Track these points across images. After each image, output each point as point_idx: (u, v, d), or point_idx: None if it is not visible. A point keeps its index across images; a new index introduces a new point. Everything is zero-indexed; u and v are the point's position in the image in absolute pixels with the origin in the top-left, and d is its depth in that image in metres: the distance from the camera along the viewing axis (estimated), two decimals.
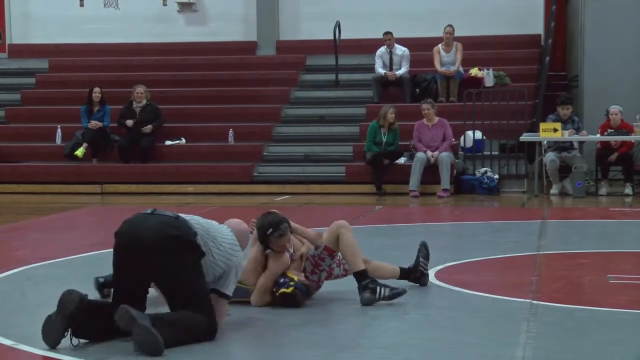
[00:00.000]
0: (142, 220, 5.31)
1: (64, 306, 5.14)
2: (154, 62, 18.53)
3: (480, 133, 15.22)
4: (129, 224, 5.32)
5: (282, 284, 6.17)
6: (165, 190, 15.20)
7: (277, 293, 6.18)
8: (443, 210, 13.31)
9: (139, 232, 5.22)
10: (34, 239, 10.11)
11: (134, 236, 5.22)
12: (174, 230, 5.25)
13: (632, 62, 16.30)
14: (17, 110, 17.75)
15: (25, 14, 19.84)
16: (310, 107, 17.19)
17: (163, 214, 5.35)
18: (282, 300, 6.17)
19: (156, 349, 4.99)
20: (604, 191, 14.21)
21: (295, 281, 6.19)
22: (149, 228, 5.23)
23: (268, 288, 6.23)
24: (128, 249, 5.24)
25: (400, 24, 17.65)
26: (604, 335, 5.55)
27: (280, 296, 6.16)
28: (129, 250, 5.23)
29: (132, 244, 5.22)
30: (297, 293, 6.15)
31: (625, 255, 8.65)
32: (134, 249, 5.21)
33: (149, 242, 5.18)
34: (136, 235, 5.22)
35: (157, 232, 5.21)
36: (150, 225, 5.24)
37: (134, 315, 5.01)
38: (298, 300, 6.16)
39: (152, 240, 5.19)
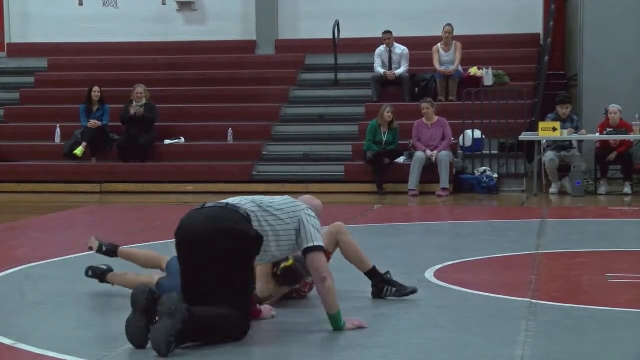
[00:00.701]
0: (193, 216, 5.37)
1: (137, 302, 5.14)
2: (153, 61, 18.53)
3: (480, 132, 15.22)
4: (184, 222, 5.38)
5: (281, 261, 6.08)
6: (165, 190, 15.20)
7: (279, 271, 6.11)
8: (442, 209, 13.31)
9: (191, 228, 5.28)
10: (33, 238, 10.10)
11: (188, 233, 5.29)
12: (222, 223, 5.27)
13: (631, 61, 16.30)
14: (16, 110, 17.75)
15: (24, 13, 19.83)
16: (310, 106, 17.19)
17: (211, 206, 5.39)
18: (284, 276, 6.12)
19: (158, 347, 4.99)
20: (603, 190, 14.21)
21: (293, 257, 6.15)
22: (199, 223, 5.28)
23: (268, 272, 6.16)
24: (184, 246, 5.32)
25: (399, 23, 17.65)
26: (603, 334, 5.55)
27: (282, 271, 6.10)
28: (186, 247, 5.31)
29: (186, 241, 5.29)
30: (298, 265, 6.09)
31: (624, 254, 8.66)
32: (189, 245, 5.27)
33: (200, 237, 5.23)
34: (189, 231, 5.29)
35: (207, 226, 5.25)
36: (200, 220, 5.30)
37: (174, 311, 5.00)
38: (300, 273, 6.11)
39: (203, 234, 5.23)
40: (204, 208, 5.42)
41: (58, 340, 5.53)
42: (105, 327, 5.90)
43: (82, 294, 6.79)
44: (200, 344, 5.19)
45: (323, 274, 5.39)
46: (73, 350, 5.22)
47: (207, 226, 5.25)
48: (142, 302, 5.12)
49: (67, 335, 5.68)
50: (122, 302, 6.23)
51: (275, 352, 5.25)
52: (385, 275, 6.45)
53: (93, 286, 6.76)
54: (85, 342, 5.52)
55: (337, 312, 5.45)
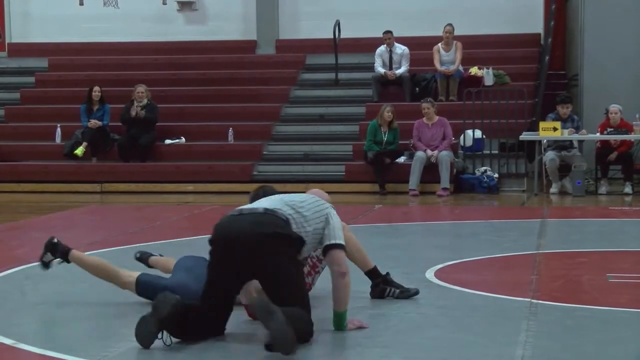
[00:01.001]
0: (234, 222, 5.32)
1: (158, 310, 5.14)
2: (154, 61, 18.53)
3: (480, 132, 15.22)
4: (222, 228, 5.32)
5: None
6: (165, 190, 15.20)
7: None
8: (443, 209, 13.31)
9: (237, 235, 5.23)
10: (33, 238, 10.09)
11: (229, 239, 5.24)
12: (267, 228, 5.25)
13: (632, 61, 16.29)
14: (17, 110, 17.75)
15: (25, 12, 19.83)
16: (310, 106, 17.19)
17: (251, 213, 5.35)
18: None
19: (290, 346, 4.92)
20: (604, 190, 14.21)
21: None
22: (244, 229, 5.24)
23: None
24: (225, 253, 5.25)
25: (399, 23, 17.65)
26: (604, 334, 5.55)
27: None
28: (226, 254, 5.25)
29: (227, 248, 5.24)
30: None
31: (624, 254, 8.66)
32: (231, 252, 5.23)
33: (247, 243, 5.19)
34: (235, 238, 5.23)
35: (253, 232, 5.22)
36: (245, 227, 5.25)
37: (272, 308, 4.95)
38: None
39: (247, 242, 5.20)
40: (243, 214, 5.35)
41: (58, 340, 5.53)
42: (106, 326, 5.89)
43: (83, 293, 6.78)
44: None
45: (343, 269, 5.43)
46: (73, 350, 5.22)
47: (253, 232, 5.22)
48: (163, 313, 5.12)
49: (68, 335, 5.68)
50: (123, 301, 6.24)
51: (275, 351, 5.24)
52: (386, 276, 6.45)
53: (94, 286, 6.76)
54: (85, 342, 5.52)
55: (345, 311, 5.47)
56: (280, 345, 4.93)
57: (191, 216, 12.06)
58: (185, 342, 5.28)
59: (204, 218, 11.88)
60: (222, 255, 5.28)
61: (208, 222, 11.57)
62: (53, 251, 6.51)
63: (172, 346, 5.26)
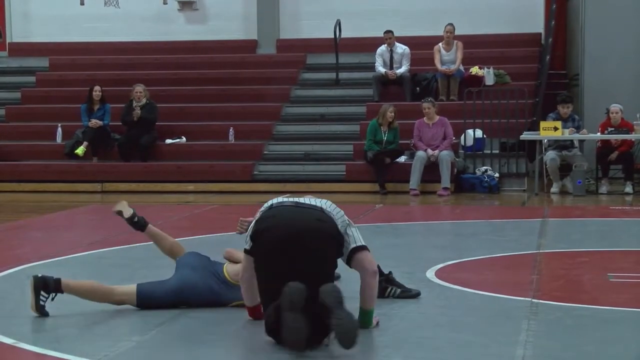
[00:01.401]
0: (293, 213, 5.23)
1: (296, 302, 4.88)
2: (155, 61, 18.53)
3: (481, 132, 15.22)
4: (281, 220, 5.19)
5: None
6: (166, 189, 15.21)
7: None
8: (443, 208, 13.31)
9: (298, 227, 5.15)
10: (34, 237, 10.11)
11: (291, 230, 5.14)
12: (326, 224, 5.22)
13: (633, 60, 16.29)
14: (18, 109, 17.75)
15: (26, 12, 19.84)
16: (311, 105, 17.19)
17: (307, 207, 5.30)
18: None
19: (353, 339, 4.83)
20: (605, 190, 14.21)
21: None
22: (305, 221, 5.18)
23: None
24: (286, 244, 5.13)
25: (400, 22, 17.66)
26: (605, 333, 5.55)
27: None
28: (287, 246, 5.12)
29: (290, 239, 5.13)
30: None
31: (625, 253, 8.66)
32: (296, 243, 5.12)
33: (308, 235, 5.13)
34: (294, 229, 5.14)
35: (314, 227, 5.18)
36: (305, 219, 5.19)
37: (342, 298, 4.89)
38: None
39: (312, 234, 5.15)
40: (302, 208, 5.28)
41: (59, 339, 5.53)
42: (106, 326, 5.89)
43: None
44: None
45: (374, 268, 5.44)
46: (74, 349, 5.22)
47: (315, 227, 5.18)
48: (301, 302, 4.89)
49: (69, 335, 5.68)
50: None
51: (275, 351, 5.24)
52: (389, 275, 6.46)
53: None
54: (86, 342, 5.52)
55: (373, 308, 5.48)
56: (343, 335, 4.83)
57: (192, 216, 12.06)
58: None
59: (205, 218, 11.89)
60: (280, 247, 5.13)
61: (209, 222, 11.62)
62: (46, 289, 5.99)
63: (174, 345, 5.25)
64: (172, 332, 5.68)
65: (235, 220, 6.44)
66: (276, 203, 5.35)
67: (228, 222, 10.06)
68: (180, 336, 5.56)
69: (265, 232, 5.23)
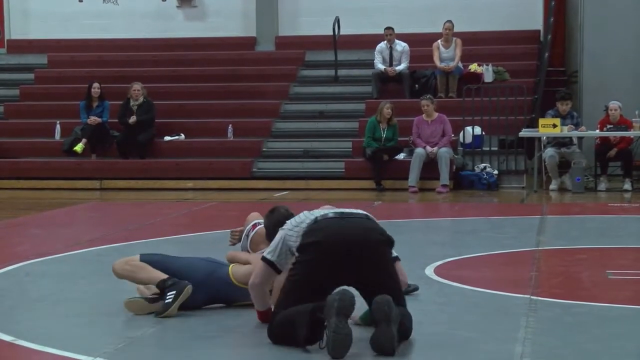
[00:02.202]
0: (343, 226, 5.27)
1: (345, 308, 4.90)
2: (153, 58, 18.52)
3: (480, 129, 15.22)
4: (334, 232, 5.22)
5: None
6: (165, 186, 15.20)
7: None
8: (442, 206, 13.31)
9: (349, 240, 5.19)
10: (33, 234, 10.11)
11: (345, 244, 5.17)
12: (378, 233, 5.34)
13: (632, 57, 16.28)
14: (16, 106, 17.74)
15: (25, 9, 19.82)
16: (310, 102, 17.18)
17: (356, 217, 5.38)
18: None
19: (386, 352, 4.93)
20: (603, 187, 14.21)
21: None
22: (357, 234, 5.23)
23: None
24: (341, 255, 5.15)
25: (399, 19, 17.65)
26: (603, 330, 5.55)
27: None
28: (339, 259, 5.16)
29: (342, 253, 5.16)
30: None
31: (624, 250, 8.66)
32: (345, 257, 5.15)
33: (362, 250, 5.18)
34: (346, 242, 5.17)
35: (370, 237, 5.26)
36: (357, 232, 5.25)
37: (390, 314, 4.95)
38: None
39: (366, 247, 5.20)
40: (348, 218, 5.34)
41: (58, 336, 5.53)
42: (105, 323, 5.89)
43: (83, 290, 6.79)
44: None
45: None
46: (73, 346, 5.22)
47: (371, 238, 5.27)
48: (350, 309, 4.93)
49: (68, 332, 5.68)
50: (122, 298, 6.23)
51: (274, 349, 5.24)
52: None
53: (93, 283, 6.77)
54: (85, 339, 5.52)
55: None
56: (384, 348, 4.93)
57: (191, 213, 12.05)
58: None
59: (204, 215, 11.89)
60: (332, 260, 5.16)
61: (208, 219, 11.62)
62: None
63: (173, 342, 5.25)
64: (172, 328, 5.68)
65: (234, 218, 6.45)
66: (320, 216, 5.35)
67: (227, 219, 10.08)
68: (180, 333, 5.56)
69: (316, 244, 5.22)
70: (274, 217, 5.89)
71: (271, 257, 5.43)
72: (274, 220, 5.87)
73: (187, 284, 5.88)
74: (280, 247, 5.41)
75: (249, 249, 6.32)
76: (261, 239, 6.24)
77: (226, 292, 6.07)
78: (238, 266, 6.13)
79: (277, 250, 5.42)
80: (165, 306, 5.83)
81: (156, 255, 6.19)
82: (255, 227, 6.36)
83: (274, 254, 5.43)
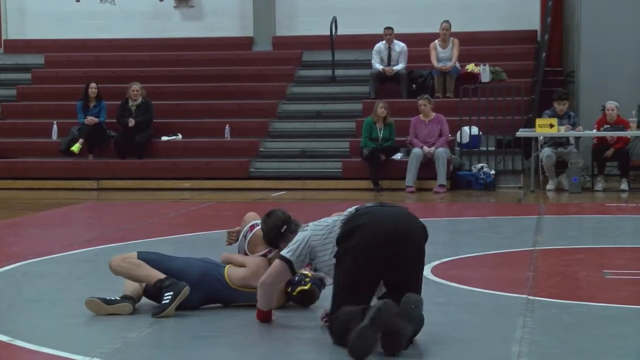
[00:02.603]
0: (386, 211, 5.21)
1: (384, 317, 4.86)
2: (150, 58, 18.50)
3: (477, 129, 15.22)
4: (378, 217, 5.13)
5: (298, 283, 6.04)
6: (162, 186, 15.19)
7: (295, 292, 6.05)
8: (439, 206, 13.31)
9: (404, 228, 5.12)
10: (30, 234, 10.10)
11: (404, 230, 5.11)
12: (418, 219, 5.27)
13: (629, 57, 16.30)
14: (13, 106, 17.72)
15: (21, 9, 19.80)
16: (307, 102, 17.18)
17: (398, 206, 5.34)
18: (300, 298, 6.06)
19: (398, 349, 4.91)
20: (600, 187, 14.22)
21: (309, 277, 6.09)
22: (408, 221, 5.17)
23: (283, 289, 6.08)
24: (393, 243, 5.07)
25: (396, 19, 17.65)
26: (600, 330, 5.56)
27: (299, 294, 6.05)
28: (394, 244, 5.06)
29: (402, 239, 5.08)
30: (315, 289, 6.08)
31: (621, 250, 8.67)
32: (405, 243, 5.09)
33: (415, 236, 5.14)
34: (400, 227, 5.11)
35: (417, 226, 5.19)
36: (406, 218, 5.19)
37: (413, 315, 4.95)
38: (316, 296, 6.08)
39: (418, 237, 5.16)
40: (390, 206, 5.30)
41: (55, 336, 5.53)
42: (102, 323, 5.89)
43: (79, 290, 6.78)
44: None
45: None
46: (70, 346, 5.21)
47: (415, 224, 5.20)
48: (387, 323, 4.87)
49: (64, 332, 5.68)
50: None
51: (273, 348, 5.24)
52: None
53: (90, 283, 6.76)
54: (82, 339, 5.52)
55: None
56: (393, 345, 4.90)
57: (188, 213, 12.05)
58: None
59: (201, 215, 11.88)
60: (381, 241, 5.06)
61: (204, 219, 11.61)
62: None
63: (169, 342, 5.25)
64: (168, 328, 5.68)
65: (231, 218, 6.44)
66: (361, 207, 5.29)
67: (224, 219, 10.08)
68: (176, 333, 5.56)
69: (361, 230, 5.10)
70: (271, 221, 5.85)
71: (290, 257, 5.35)
72: (271, 223, 5.84)
73: (185, 285, 5.88)
74: (301, 247, 5.34)
75: (247, 249, 6.30)
76: (259, 240, 6.23)
77: (222, 293, 6.07)
78: (233, 268, 6.12)
79: (298, 251, 5.34)
80: (163, 307, 5.83)
81: (154, 254, 6.19)
82: (253, 229, 6.33)
83: (293, 254, 5.36)
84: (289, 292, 6.09)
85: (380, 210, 5.24)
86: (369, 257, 5.08)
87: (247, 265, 6.09)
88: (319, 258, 5.35)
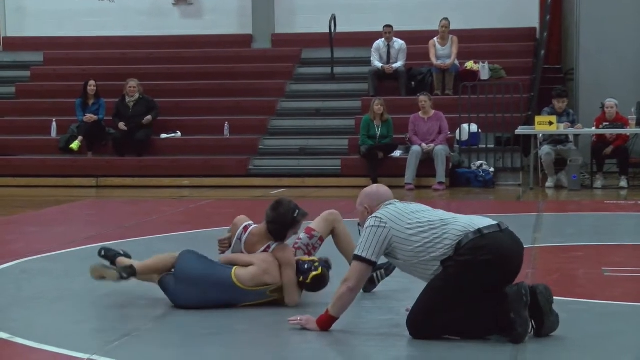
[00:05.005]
0: (509, 240, 5.47)
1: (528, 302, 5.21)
2: (149, 55, 18.50)
3: (476, 126, 15.23)
4: (508, 245, 5.41)
5: (309, 269, 6.05)
6: (161, 184, 15.20)
7: (309, 279, 6.03)
8: (438, 203, 13.27)
9: (515, 254, 5.42)
10: (29, 232, 10.10)
11: (516, 254, 5.43)
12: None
13: (628, 55, 16.31)
14: (12, 104, 17.73)
15: (20, 6, 19.80)
16: (306, 100, 17.18)
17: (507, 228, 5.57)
18: (314, 284, 6.06)
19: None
20: (599, 184, 14.22)
21: (317, 261, 6.11)
22: (518, 250, 5.46)
23: (296, 281, 6.08)
24: (505, 271, 5.33)
25: (395, 17, 17.65)
26: (599, 327, 5.56)
27: (313, 280, 6.03)
28: (512, 269, 5.37)
29: (511, 266, 5.36)
30: (326, 271, 6.09)
31: (620, 247, 8.67)
32: (515, 267, 5.39)
33: (519, 264, 5.43)
34: (517, 254, 5.44)
35: (521, 249, 5.51)
36: (518, 247, 5.47)
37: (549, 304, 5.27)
38: (327, 279, 6.09)
39: (520, 261, 5.45)
40: (505, 230, 5.54)
41: (54, 334, 5.52)
42: (101, 321, 5.89)
43: (78, 288, 6.78)
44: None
45: None
46: (69, 344, 5.21)
47: (521, 252, 5.51)
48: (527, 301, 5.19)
49: (63, 329, 5.68)
50: (119, 295, 6.23)
51: (271, 348, 5.24)
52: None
53: (89, 280, 6.74)
54: (81, 336, 5.52)
55: None
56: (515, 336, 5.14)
57: (187, 210, 12.05)
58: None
59: (200, 212, 11.88)
60: (501, 274, 5.30)
61: (204, 217, 11.60)
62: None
63: (169, 339, 5.24)
64: (168, 325, 5.68)
65: (231, 215, 6.44)
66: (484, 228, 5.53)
67: (223, 217, 10.07)
68: (176, 330, 5.57)
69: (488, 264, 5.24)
70: (284, 208, 6.02)
71: (373, 258, 5.24)
72: (284, 210, 6.04)
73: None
74: (381, 246, 5.23)
75: (244, 251, 6.26)
76: (257, 238, 6.21)
77: (229, 295, 6.00)
78: (241, 269, 6.05)
79: (378, 250, 5.23)
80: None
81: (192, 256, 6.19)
82: (247, 229, 6.28)
83: (373, 254, 5.24)
84: (302, 281, 6.05)
85: (508, 239, 5.48)
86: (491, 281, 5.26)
87: (255, 263, 6.05)
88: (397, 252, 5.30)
